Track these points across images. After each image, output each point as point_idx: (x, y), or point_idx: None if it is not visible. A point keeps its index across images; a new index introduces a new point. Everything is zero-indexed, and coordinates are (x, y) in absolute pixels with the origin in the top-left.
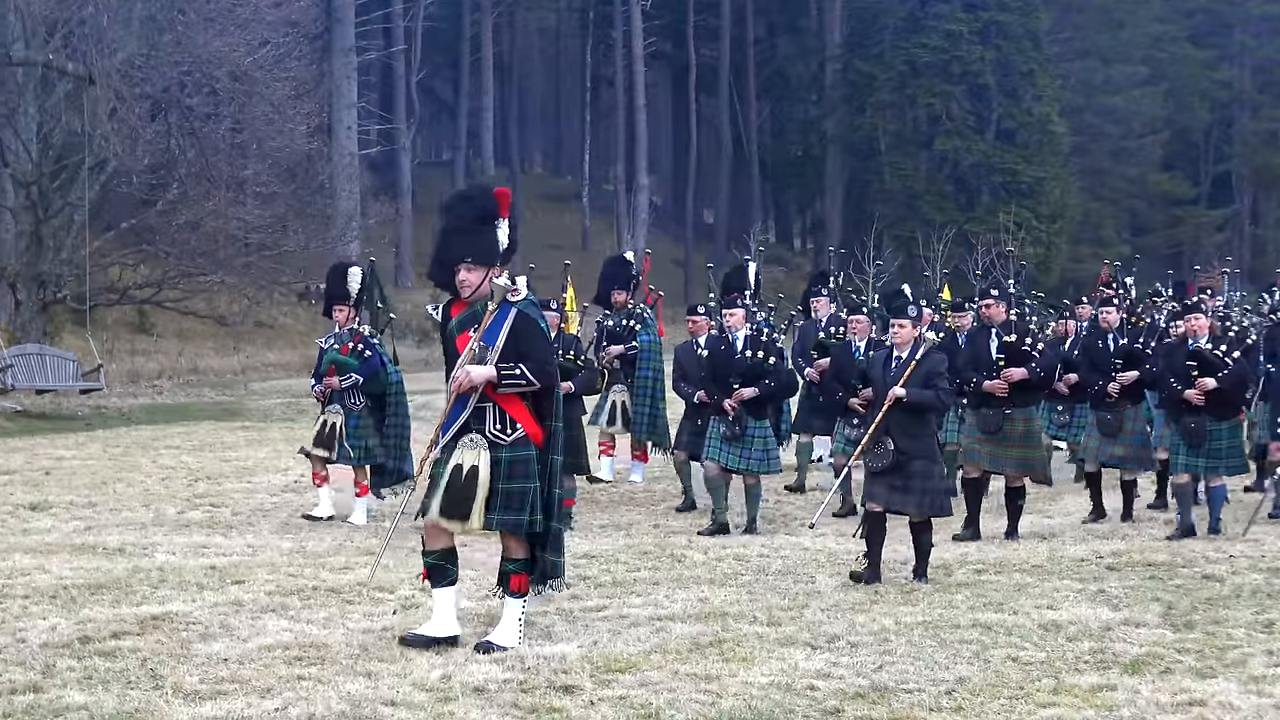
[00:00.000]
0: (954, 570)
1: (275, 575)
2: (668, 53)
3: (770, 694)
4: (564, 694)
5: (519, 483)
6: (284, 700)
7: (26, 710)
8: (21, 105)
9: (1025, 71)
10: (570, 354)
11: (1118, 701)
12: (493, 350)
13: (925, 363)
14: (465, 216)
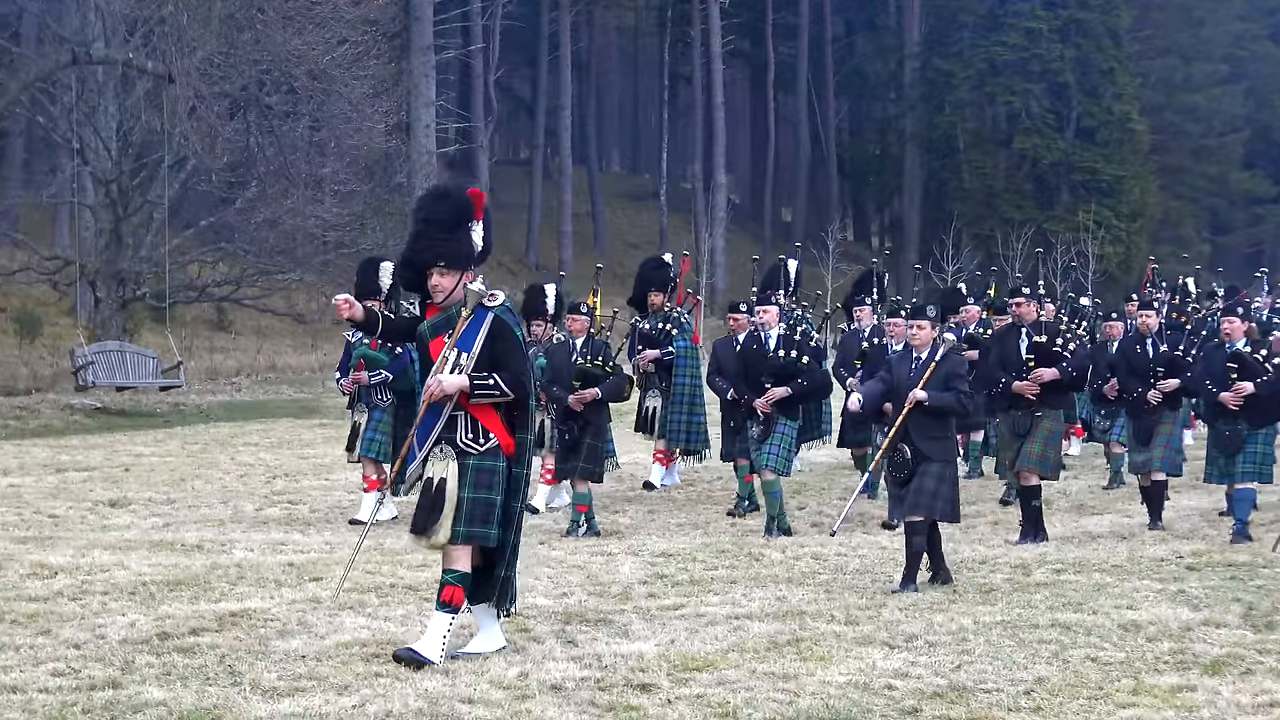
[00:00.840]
0: (1033, 570)
1: (353, 572)
2: (746, 51)
3: (848, 693)
4: (641, 692)
5: (484, 493)
6: (361, 698)
7: (106, 706)
8: (101, 104)
9: (1105, 69)
10: (598, 360)
11: (1198, 702)
12: (469, 357)
13: (945, 364)
14: (438, 219)
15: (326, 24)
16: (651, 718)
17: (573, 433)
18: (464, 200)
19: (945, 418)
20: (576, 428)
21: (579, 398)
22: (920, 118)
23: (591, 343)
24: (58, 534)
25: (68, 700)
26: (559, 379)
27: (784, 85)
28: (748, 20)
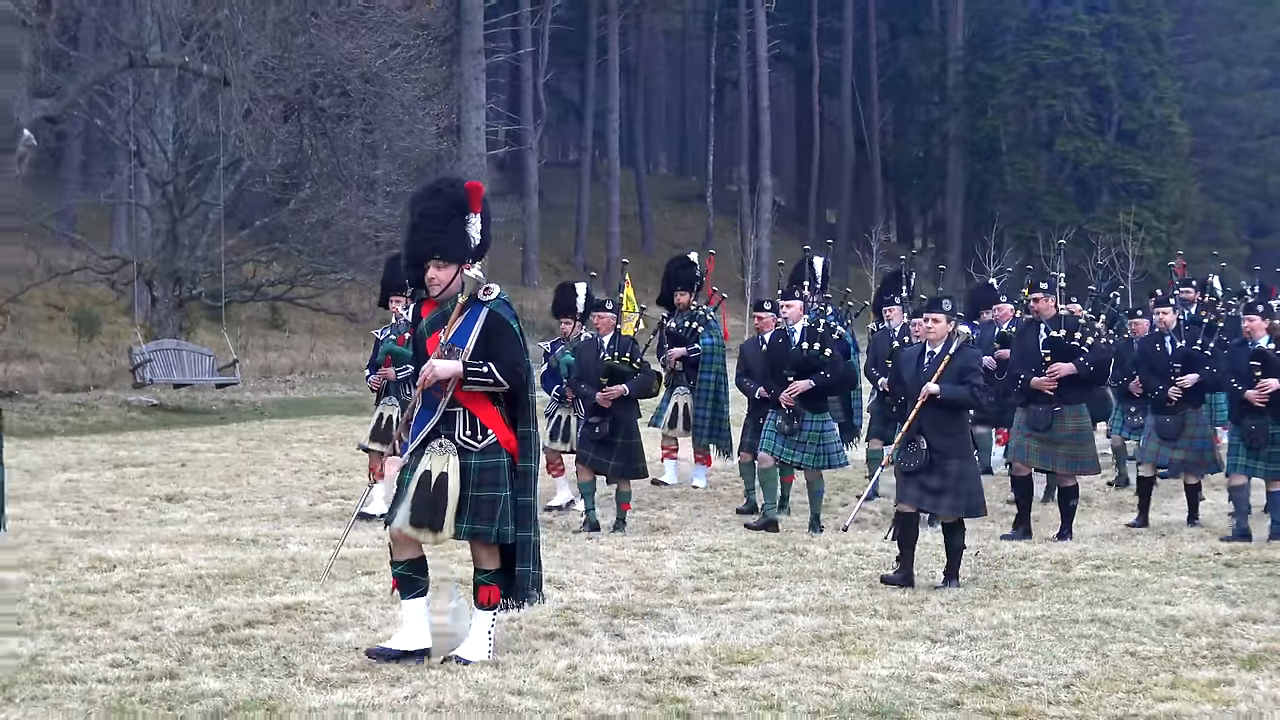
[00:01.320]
0: (1072, 566)
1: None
2: (791, 55)
3: (890, 686)
4: (687, 685)
5: (489, 490)
6: (413, 689)
7: (163, 696)
8: (158, 106)
9: (1146, 73)
10: (626, 356)
11: (1235, 696)
12: (463, 351)
13: (959, 358)
14: (435, 211)
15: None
16: (698, 710)
17: (602, 428)
18: (460, 193)
19: (959, 412)
20: (607, 425)
21: (606, 394)
22: (963, 121)
23: (619, 339)
24: (116, 528)
25: (126, 690)
26: (586, 376)
27: (829, 89)
28: (793, 25)
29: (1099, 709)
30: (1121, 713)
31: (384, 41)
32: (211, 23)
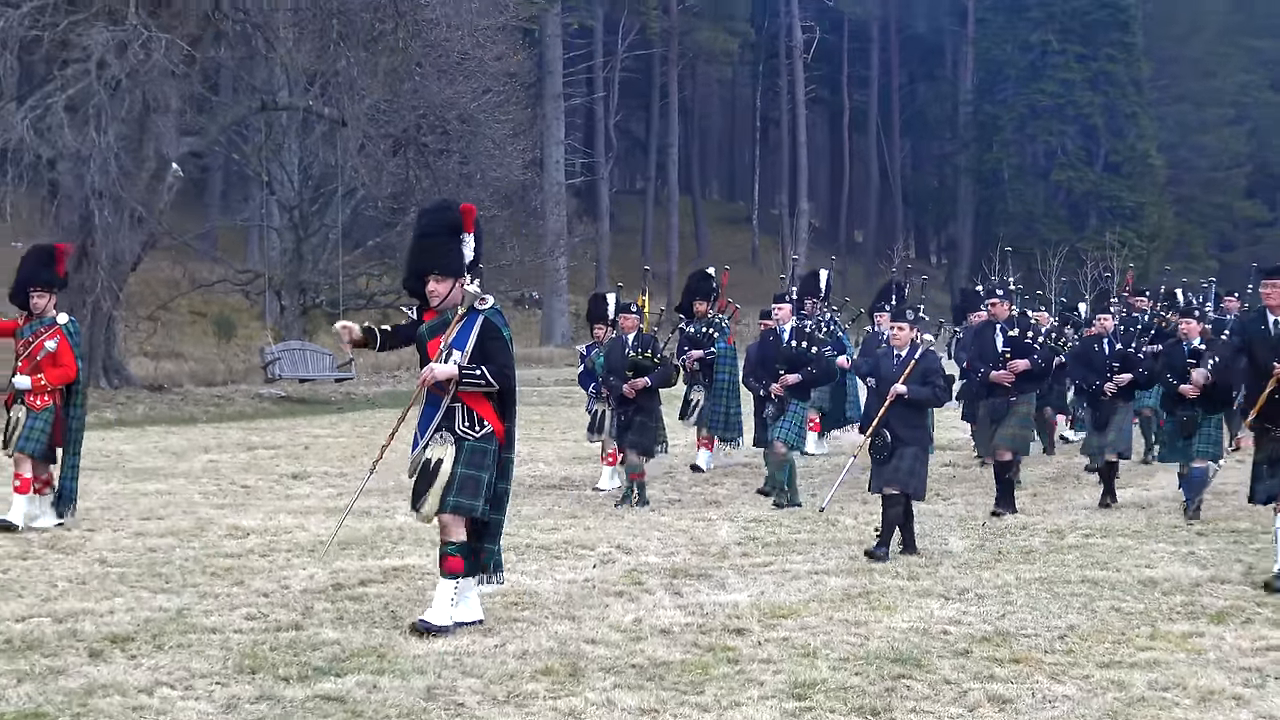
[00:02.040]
0: (1065, 534)
1: None
2: (825, 98)
3: (910, 637)
4: (736, 635)
5: (475, 470)
6: (502, 639)
7: (289, 645)
8: (286, 143)
9: (1129, 114)
10: (648, 353)
11: (1205, 646)
12: (462, 354)
13: (923, 361)
14: (433, 231)
15: (474, 76)
16: (744, 657)
17: (628, 415)
18: (456, 215)
19: (922, 409)
20: (631, 411)
21: (631, 386)
22: (972, 154)
23: (641, 337)
24: (249, 501)
25: (258, 640)
26: (614, 370)
27: (857, 127)
28: (827, 73)
29: (1088, 657)
30: (1108, 660)
31: (478, 88)
32: (331, 72)
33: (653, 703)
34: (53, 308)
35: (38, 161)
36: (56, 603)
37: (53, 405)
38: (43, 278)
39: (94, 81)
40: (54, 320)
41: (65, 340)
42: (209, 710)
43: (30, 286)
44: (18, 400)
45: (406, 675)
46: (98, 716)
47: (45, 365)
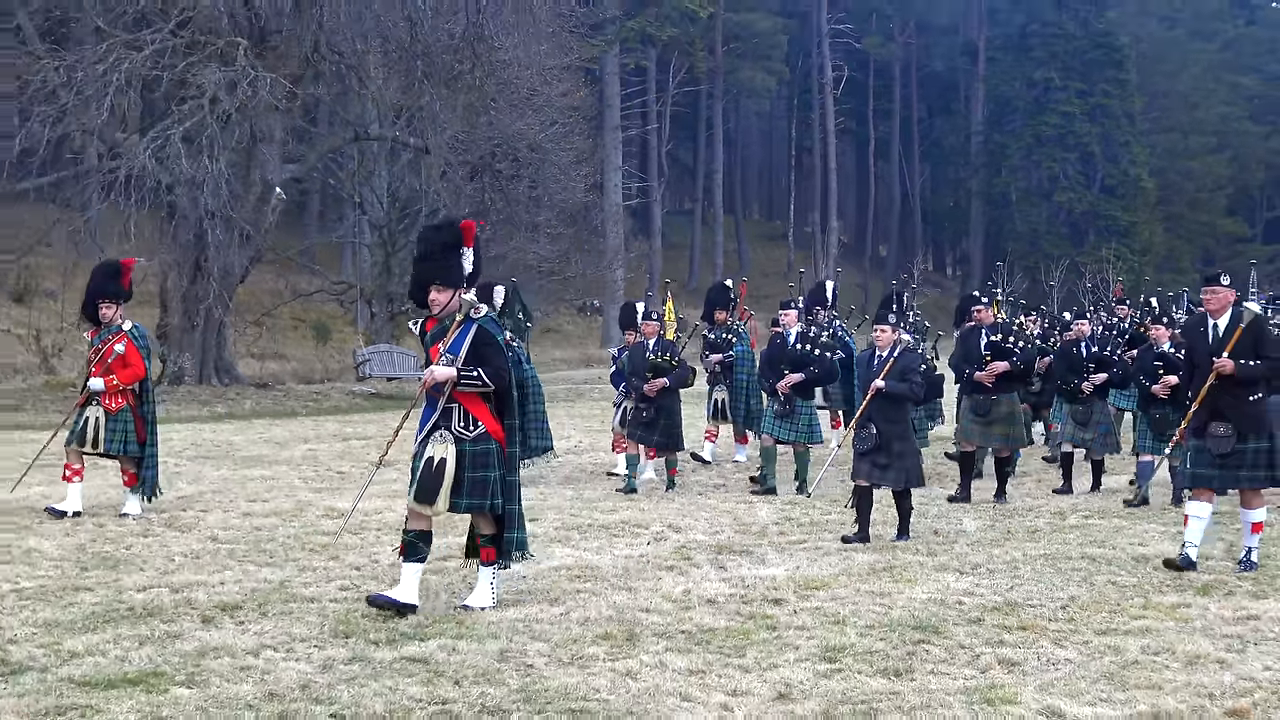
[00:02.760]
0: (1068, 516)
1: (560, 515)
2: (853, 129)
3: (928, 607)
4: (774, 605)
5: (481, 472)
6: (567, 607)
7: (378, 613)
8: (376, 169)
9: (1123, 142)
10: (668, 356)
11: (1192, 615)
12: (457, 358)
13: (901, 360)
14: (434, 245)
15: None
16: (782, 624)
17: (650, 412)
18: (456, 231)
19: (902, 403)
20: (653, 409)
21: (651, 386)
22: (983, 179)
23: (661, 342)
24: (343, 485)
25: (351, 608)
26: (636, 371)
27: (881, 154)
28: (854, 106)
29: (1087, 625)
30: (1105, 627)
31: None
32: (416, 106)
33: (700, 664)
34: (119, 317)
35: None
36: (174, 575)
37: (127, 405)
38: (109, 290)
39: (207, 115)
40: (120, 327)
41: (132, 344)
42: (307, 670)
43: (98, 299)
44: (91, 401)
45: (482, 639)
46: (209, 675)
47: (115, 367)
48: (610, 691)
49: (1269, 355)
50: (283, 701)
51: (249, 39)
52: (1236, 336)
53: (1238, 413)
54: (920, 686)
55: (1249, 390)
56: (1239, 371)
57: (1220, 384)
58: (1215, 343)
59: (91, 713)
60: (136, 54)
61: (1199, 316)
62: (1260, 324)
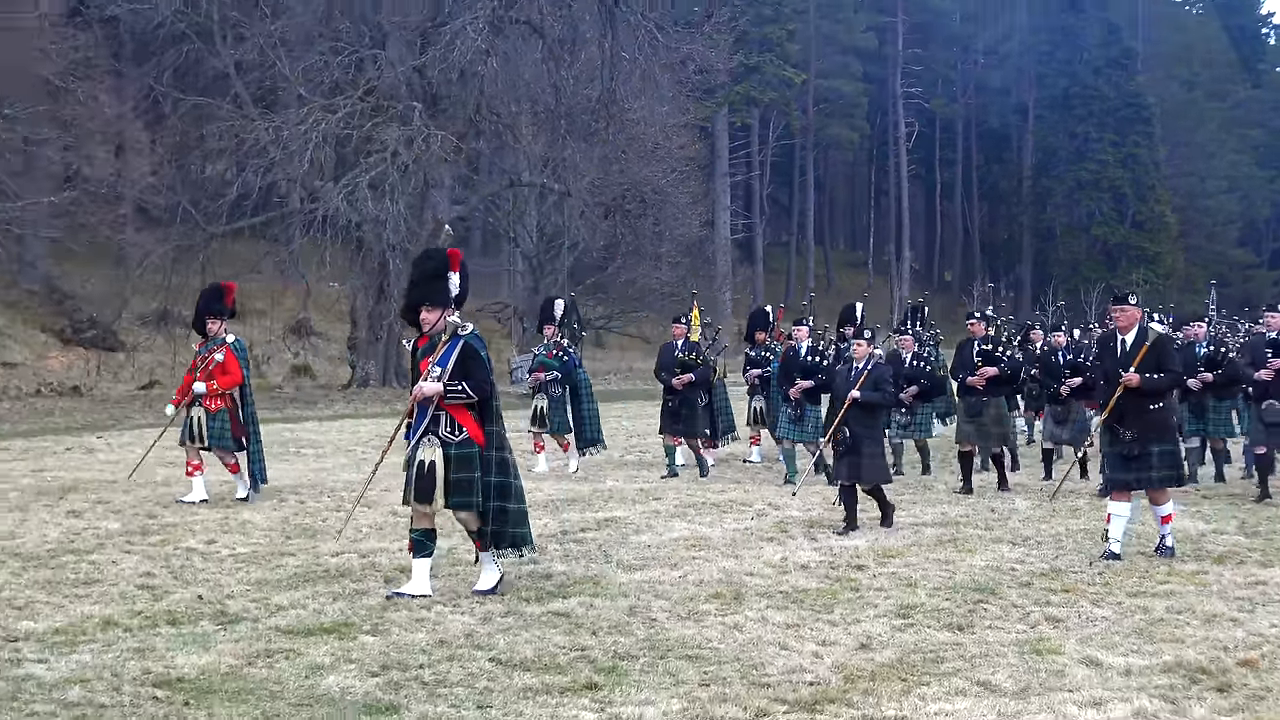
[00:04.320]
0: (1104, 498)
1: (679, 495)
2: (922, 175)
3: (986, 572)
4: (857, 570)
5: (466, 474)
6: (684, 572)
7: (529, 574)
8: (527, 210)
9: (1150, 185)
10: (693, 355)
11: (1209, 581)
12: (444, 372)
13: (874, 372)
14: (425, 271)
15: (663, 160)
16: (863, 586)
17: (674, 403)
18: (444, 258)
19: (876, 410)
20: (678, 400)
21: (679, 380)
22: (1032, 215)
23: (688, 343)
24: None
25: (506, 571)
26: (665, 367)
27: (946, 195)
28: (923, 156)
29: (1120, 588)
30: (1135, 590)
31: (666, 169)
32: (560, 158)
33: (795, 619)
34: (223, 331)
35: (348, 224)
36: (361, 543)
37: (225, 408)
38: (215, 308)
39: (389, 166)
40: (224, 340)
41: (232, 355)
42: (471, 622)
43: (206, 315)
44: (195, 403)
45: (614, 597)
46: (390, 625)
47: (216, 374)
48: (720, 641)
49: (1171, 369)
50: (450, 647)
51: (423, 103)
52: (1143, 353)
53: (1141, 420)
54: (979, 639)
55: (1151, 400)
56: (1144, 384)
57: (1126, 394)
58: (1123, 357)
59: (294, 655)
60: (331, 116)
61: (1110, 332)
62: (1163, 341)
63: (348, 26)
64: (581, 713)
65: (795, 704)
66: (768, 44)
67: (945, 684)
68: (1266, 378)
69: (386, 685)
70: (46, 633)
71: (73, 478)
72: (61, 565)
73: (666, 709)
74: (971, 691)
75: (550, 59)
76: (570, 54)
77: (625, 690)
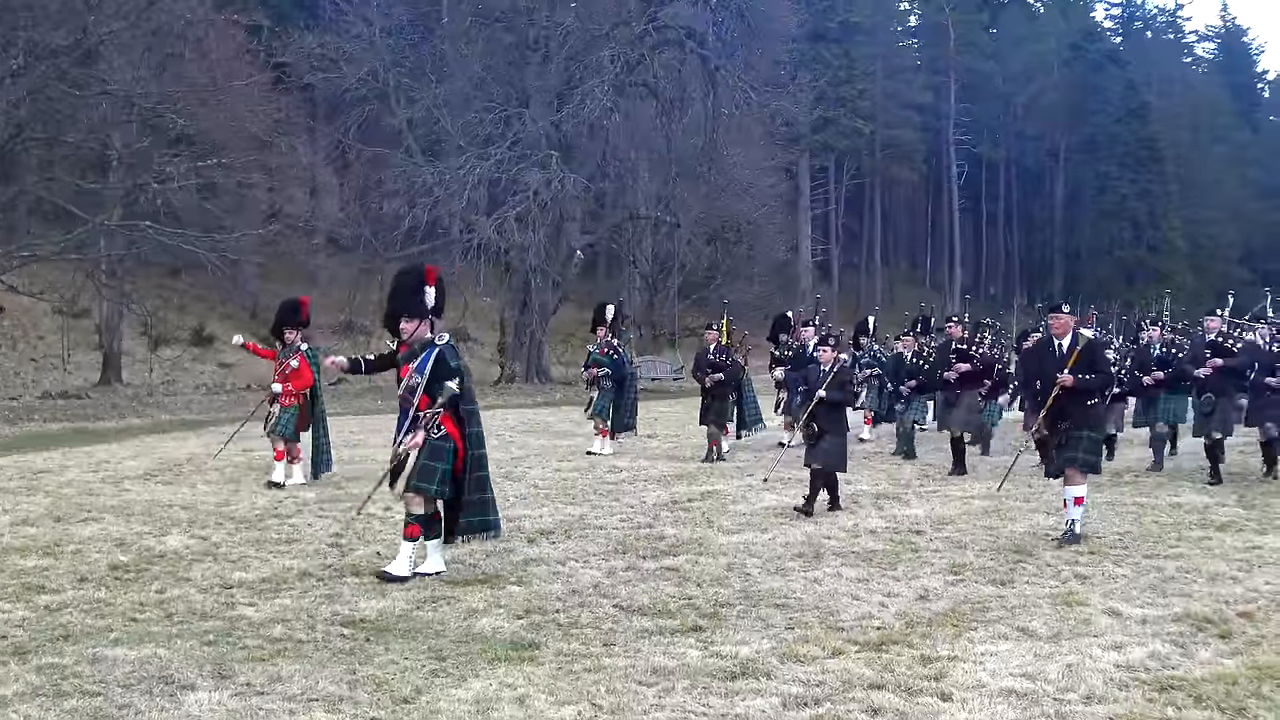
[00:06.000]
0: (1123, 475)
1: (767, 471)
2: (971, 207)
3: (1024, 536)
4: (916, 535)
5: (434, 462)
6: (773, 534)
7: (645, 537)
8: (643, 238)
9: (1163, 214)
10: (723, 357)
11: (1213, 545)
12: (422, 378)
13: (839, 373)
14: (404, 285)
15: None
16: (922, 548)
17: (707, 400)
18: (421, 274)
19: (838, 406)
20: (709, 398)
21: (710, 379)
22: (1062, 240)
23: (719, 347)
24: (621, 450)
25: (627, 534)
26: (699, 368)
27: (991, 224)
28: (972, 191)
29: (1138, 551)
30: (1150, 553)
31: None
32: (670, 195)
33: (864, 575)
34: (298, 339)
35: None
36: (508, 510)
37: (296, 405)
38: (291, 320)
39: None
40: (299, 347)
41: (305, 361)
42: (597, 574)
43: (284, 326)
44: (274, 400)
45: (715, 555)
46: (532, 578)
47: (291, 377)
48: (803, 592)
49: (1101, 370)
50: (581, 596)
51: (559, 152)
52: (1075, 356)
53: (1078, 414)
54: (1019, 592)
55: (1085, 398)
56: (1077, 384)
57: (1063, 393)
58: (1059, 360)
59: (454, 601)
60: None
61: (1046, 338)
62: (1093, 346)
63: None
64: (689, 650)
65: (865, 645)
66: (842, 101)
67: (990, 629)
68: (1206, 374)
69: (529, 626)
70: (255, 581)
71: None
72: (267, 527)
73: (758, 648)
74: (1012, 636)
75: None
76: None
77: (724, 632)
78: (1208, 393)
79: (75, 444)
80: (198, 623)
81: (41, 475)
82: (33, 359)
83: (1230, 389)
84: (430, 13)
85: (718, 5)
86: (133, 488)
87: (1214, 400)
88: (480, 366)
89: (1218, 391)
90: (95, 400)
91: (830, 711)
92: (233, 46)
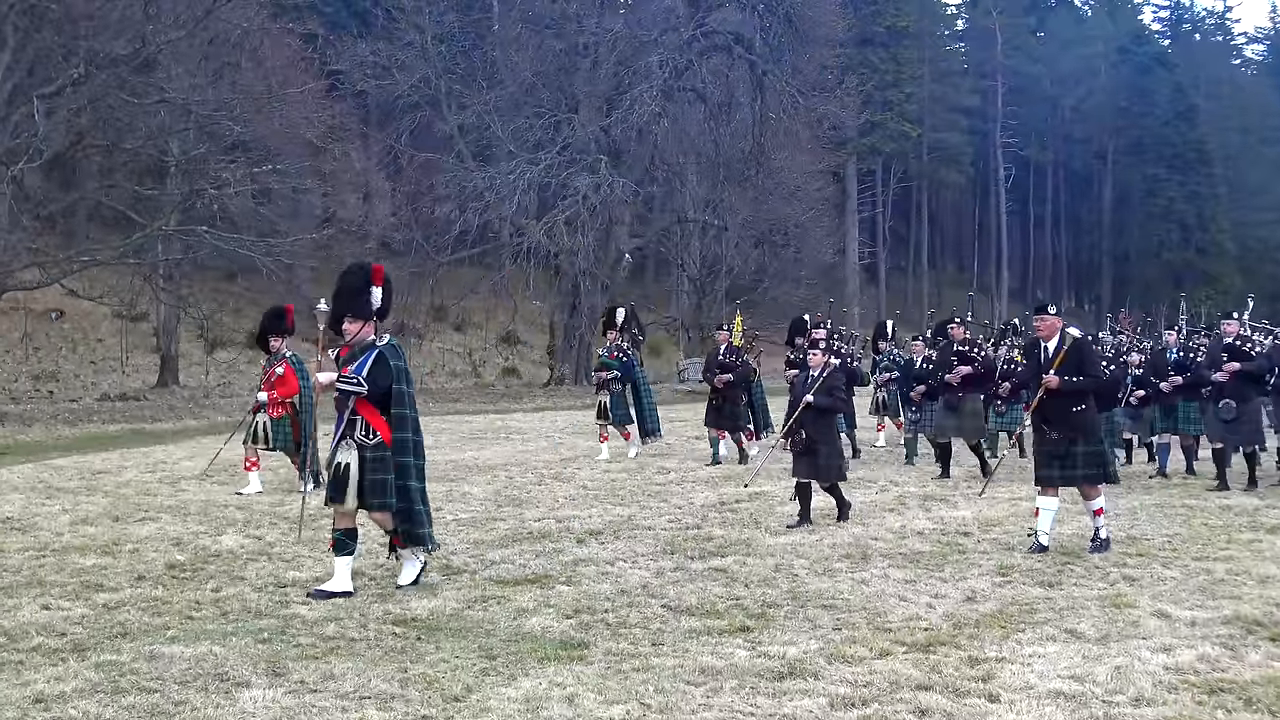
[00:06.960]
0: (1172, 478)
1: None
2: (1018, 210)
3: (1072, 539)
4: (964, 536)
5: (380, 475)
6: (821, 535)
7: (694, 537)
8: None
9: (1211, 216)
10: (733, 358)
11: (1264, 548)
12: (358, 375)
13: (828, 379)
14: (349, 284)
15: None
16: (969, 549)
17: (718, 400)
18: (368, 273)
19: (829, 413)
20: (720, 398)
21: (719, 379)
22: (1110, 243)
23: (730, 348)
24: (670, 452)
25: (675, 534)
26: (709, 368)
27: (1038, 227)
28: (1019, 194)
29: (1187, 553)
30: (1199, 555)
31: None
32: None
33: (912, 576)
34: (284, 347)
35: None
36: (558, 510)
37: (287, 415)
38: (276, 328)
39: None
40: (284, 355)
41: (290, 369)
42: (646, 575)
43: (269, 334)
44: (261, 410)
45: (763, 556)
46: (581, 578)
47: (276, 385)
48: (850, 593)
49: (1091, 373)
50: (630, 596)
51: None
52: (1062, 357)
53: (1066, 421)
54: (1067, 594)
55: (1073, 402)
56: (1063, 386)
57: (1048, 396)
58: (1045, 362)
59: (504, 600)
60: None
61: (1034, 341)
62: (1080, 346)
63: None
64: (736, 650)
65: (912, 646)
66: (889, 104)
67: (1038, 631)
68: (1223, 379)
69: (578, 626)
70: (309, 581)
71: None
72: (320, 528)
73: (806, 649)
74: (1060, 638)
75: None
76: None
77: (772, 633)
78: (1226, 398)
79: (133, 445)
80: (252, 621)
81: (100, 476)
82: (92, 362)
83: (1252, 395)
84: (481, 20)
85: (765, 10)
86: (189, 488)
87: (1234, 407)
88: (530, 369)
89: (1237, 397)
90: (152, 402)
91: (878, 712)
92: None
